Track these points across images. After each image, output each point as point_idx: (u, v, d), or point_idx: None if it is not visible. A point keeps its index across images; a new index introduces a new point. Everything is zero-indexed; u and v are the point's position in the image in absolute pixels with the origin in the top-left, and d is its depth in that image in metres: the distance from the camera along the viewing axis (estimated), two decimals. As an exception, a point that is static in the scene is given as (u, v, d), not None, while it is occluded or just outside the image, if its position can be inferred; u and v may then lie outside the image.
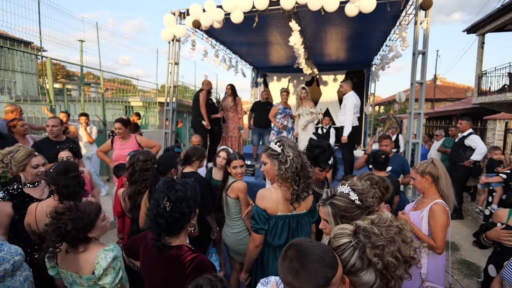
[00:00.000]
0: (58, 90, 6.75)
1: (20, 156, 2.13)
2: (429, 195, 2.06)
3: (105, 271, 1.43)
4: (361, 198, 1.27)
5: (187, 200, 1.37)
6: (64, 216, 1.45)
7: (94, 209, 1.55)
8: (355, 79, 7.68)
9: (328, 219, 1.30)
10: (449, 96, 20.63)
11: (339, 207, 1.27)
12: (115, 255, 1.48)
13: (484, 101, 10.18)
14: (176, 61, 5.13)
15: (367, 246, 0.93)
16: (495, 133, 5.45)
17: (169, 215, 1.32)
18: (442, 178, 2.02)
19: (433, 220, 1.95)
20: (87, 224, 1.48)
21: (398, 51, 5.15)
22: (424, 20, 3.76)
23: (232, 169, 2.52)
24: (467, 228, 5.14)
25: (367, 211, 1.27)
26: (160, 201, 1.34)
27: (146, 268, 1.45)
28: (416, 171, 2.11)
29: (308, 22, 4.81)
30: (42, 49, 6.50)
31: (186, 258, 1.32)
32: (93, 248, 1.50)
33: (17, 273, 1.47)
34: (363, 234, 0.97)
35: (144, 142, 3.87)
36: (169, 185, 1.40)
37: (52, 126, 3.39)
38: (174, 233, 1.39)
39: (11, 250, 1.47)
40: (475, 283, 3.47)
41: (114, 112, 8.45)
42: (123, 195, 2.36)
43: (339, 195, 1.30)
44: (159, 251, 1.34)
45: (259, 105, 6.04)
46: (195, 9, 4.42)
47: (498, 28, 10.27)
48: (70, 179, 1.89)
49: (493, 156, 4.49)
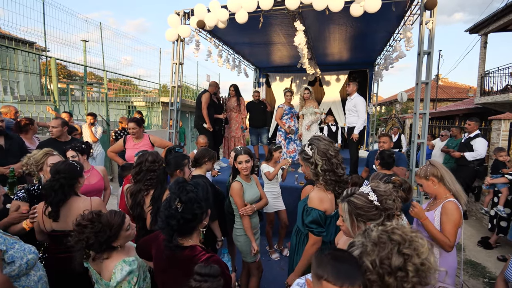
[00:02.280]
0: (61, 90, 6.77)
1: (38, 156, 2.27)
2: (441, 196, 2.06)
3: (119, 284, 1.42)
4: (380, 200, 1.27)
5: (199, 201, 1.36)
6: (86, 230, 1.43)
7: (118, 220, 1.52)
8: (358, 79, 7.71)
9: (344, 215, 1.31)
10: (451, 96, 20.60)
11: (356, 205, 1.27)
12: (131, 270, 1.47)
13: (487, 101, 10.15)
14: (181, 61, 5.13)
15: (363, 247, 0.95)
16: (499, 134, 5.43)
17: (181, 217, 1.31)
18: (446, 176, 2.03)
19: (445, 216, 1.95)
20: (110, 236, 1.47)
21: (402, 51, 5.13)
22: (430, 20, 3.75)
23: (238, 164, 2.53)
24: (472, 228, 5.13)
25: (386, 213, 1.26)
26: (172, 202, 1.33)
27: (159, 268, 1.45)
28: (419, 177, 2.12)
29: (312, 22, 4.80)
30: (46, 49, 6.52)
31: (200, 258, 1.31)
32: (115, 256, 1.50)
33: (31, 273, 1.47)
34: (365, 235, 0.99)
35: (158, 142, 3.80)
36: (181, 185, 1.38)
37: (52, 127, 3.41)
38: (186, 234, 1.38)
39: (24, 248, 1.47)
40: (481, 283, 3.46)
41: (117, 112, 8.47)
42: (126, 191, 2.37)
43: (358, 193, 1.31)
44: (174, 252, 1.33)
45: (252, 105, 6.01)
46: (200, 9, 4.42)
47: (501, 28, 10.24)
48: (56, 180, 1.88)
49: (498, 158, 4.48)
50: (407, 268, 0.88)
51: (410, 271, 0.88)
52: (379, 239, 0.94)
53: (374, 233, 0.97)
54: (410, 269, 0.88)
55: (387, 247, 0.91)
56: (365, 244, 0.95)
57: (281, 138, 5.56)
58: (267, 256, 3.80)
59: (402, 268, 0.88)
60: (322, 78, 8.54)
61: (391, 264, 0.89)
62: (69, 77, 15.05)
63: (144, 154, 2.36)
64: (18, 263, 1.40)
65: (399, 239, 0.93)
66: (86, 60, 7.64)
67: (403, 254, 0.90)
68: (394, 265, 0.88)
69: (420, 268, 0.89)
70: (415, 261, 0.89)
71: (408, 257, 0.89)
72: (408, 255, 0.89)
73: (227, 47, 6.54)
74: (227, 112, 5.79)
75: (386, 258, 0.89)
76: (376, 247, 0.92)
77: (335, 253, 0.94)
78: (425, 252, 0.92)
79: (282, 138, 5.55)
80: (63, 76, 14.86)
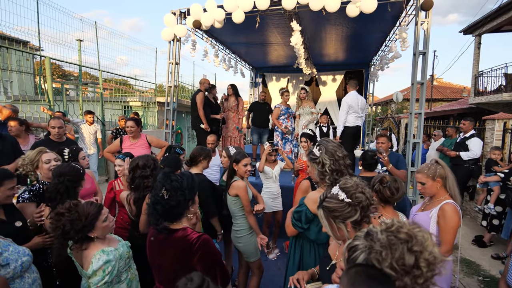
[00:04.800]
0: (56, 90, 6.70)
1: (32, 154, 2.28)
2: (438, 196, 2.01)
3: (94, 272, 1.48)
4: (350, 195, 1.27)
5: (183, 189, 1.48)
6: (63, 217, 1.50)
7: (93, 210, 1.57)
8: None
9: (322, 222, 1.32)
10: (446, 96, 20.79)
11: (329, 208, 1.28)
12: (108, 259, 1.52)
13: (480, 101, 10.27)
14: (177, 61, 5.11)
15: (373, 251, 0.92)
16: (493, 133, 5.50)
17: (166, 203, 1.45)
18: (449, 178, 1.99)
19: (444, 221, 1.88)
20: (85, 225, 1.52)
21: (398, 51, 5.17)
22: (425, 21, 3.78)
23: (241, 167, 2.52)
24: (466, 227, 5.18)
25: (360, 205, 1.27)
26: (158, 190, 1.48)
27: (154, 254, 1.55)
28: (426, 175, 2.01)
29: (308, 22, 4.82)
30: (40, 49, 6.44)
31: (192, 237, 1.45)
32: (93, 247, 1.56)
33: (25, 275, 1.46)
34: (370, 238, 0.96)
35: (155, 142, 3.77)
36: (166, 175, 1.52)
37: (58, 128, 3.34)
38: (175, 219, 1.51)
39: (18, 251, 1.46)
40: (476, 282, 3.50)
41: (113, 112, 8.40)
42: (127, 198, 2.35)
43: (329, 197, 1.31)
44: (166, 235, 1.47)
45: (257, 105, 6.06)
46: (196, 9, 4.41)
47: (495, 29, 10.37)
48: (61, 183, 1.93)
49: (492, 156, 4.54)
50: (419, 265, 0.87)
51: (423, 266, 0.87)
52: (389, 241, 0.91)
53: (381, 235, 0.94)
54: (423, 264, 0.87)
55: (399, 248, 0.89)
56: (376, 249, 0.91)
57: (278, 138, 5.57)
58: (264, 256, 3.81)
59: (415, 265, 0.87)
60: (319, 78, 8.57)
61: (405, 264, 0.87)
62: (64, 76, 14.89)
63: (134, 160, 2.33)
64: (13, 266, 1.39)
65: (406, 237, 0.91)
66: (81, 60, 7.57)
67: (414, 251, 0.88)
68: (409, 264, 0.87)
69: (431, 262, 0.89)
70: (426, 256, 0.88)
71: (419, 253, 0.89)
72: (418, 251, 0.89)
73: (224, 47, 6.54)
74: (225, 112, 5.78)
75: (400, 259, 0.88)
76: (388, 250, 0.89)
77: (367, 270, 0.90)
78: (430, 244, 0.91)
79: (279, 138, 5.56)
80: (58, 76, 14.70)
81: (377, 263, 0.89)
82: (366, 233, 0.99)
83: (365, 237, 0.98)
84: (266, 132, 6.03)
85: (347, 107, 4.57)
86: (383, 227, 0.97)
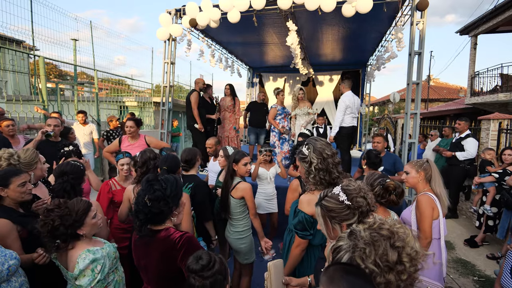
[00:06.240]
0: (51, 90, 6.64)
1: (30, 155, 2.16)
2: (419, 191, 2.12)
3: (82, 272, 1.46)
4: (351, 198, 1.25)
5: (165, 199, 1.48)
6: (53, 213, 1.49)
7: (83, 206, 1.58)
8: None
9: (319, 220, 1.31)
10: (442, 96, 20.92)
11: (327, 208, 1.26)
12: (94, 258, 1.50)
13: (477, 102, 10.32)
14: (172, 61, 5.08)
15: (356, 249, 0.93)
16: (489, 133, 5.53)
17: (148, 211, 1.45)
18: (436, 178, 2.07)
19: (418, 211, 2.00)
20: (75, 221, 1.52)
21: (394, 51, 5.17)
22: (420, 21, 3.79)
23: (242, 167, 2.48)
24: (462, 227, 5.20)
25: (359, 210, 1.25)
26: (140, 199, 1.48)
27: (140, 255, 1.55)
28: (412, 166, 2.15)
29: (305, 22, 4.81)
30: (35, 48, 6.39)
31: (175, 236, 1.47)
32: (79, 246, 1.54)
33: (12, 279, 1.43)
34: (353, 236, 0.97)
35: (154, 143, 3.74)
36: (149, 184, 1.51)
37: (55, 126, 3.37)
38: (158, 222, 1.51)
39: (5, 254, 1.43)
40: (471, 282, 3.50)
41: (109, 112, 8.35)
42: (134, 191, 2.30)
43: (329, 196, 1.30)
44: (150, 237, 1.48)
45: (255, 105, 6.05)
46: (192, 8, 4.38)
47: (490, 30, 10.43)
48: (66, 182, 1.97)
49: (486, 156, 4.55)
50: (402, 260, 0.89)
51: (405, 261, 0.88)
52: (372, 238, 0.92)
53: (364, 233, 0.95)
54: (406, 259, 0.89)
55: (382, 244, 0.90)
56: (360, 247, 0.92)
57: (275, 139, 5.52)
58: (259, 257, 3.79)
59: (398, 261, 0.88)
60: (315, 78, 8.57)
61: (388, 260, 0.88)
62: (61, 76, 14.80)
63: (145, 152, 2.36)
64: None
65: (388, 233, 0.92)
66: (77, 59, 7.52)
67: (396, 247, 0.89)
68: (392, 260, 0.88)
69: (413, 257, 0.90)
70: (408, 251, 0.90)
71: (401, 248, 0.90)
72: (400, 247, 0.90)
73: (220, 47, 6.51)
74: (221, 112, 5.75)
75: (383, 255, 0.88)
76: (371, 246, 0.90)
77: (344, 267, 0.90)
78: (411, 240, 0.93)
79: (276, 138, 5.51)
80: (54, 76, 14.61)
81: (361, 261, 0.89)
82: (350, 233, 0.99)
83: (349, 236, 0.98)
84: (263, 132, 6.01)
85: (345, 107, 4.53)
86: (365, 226, 0.97)
